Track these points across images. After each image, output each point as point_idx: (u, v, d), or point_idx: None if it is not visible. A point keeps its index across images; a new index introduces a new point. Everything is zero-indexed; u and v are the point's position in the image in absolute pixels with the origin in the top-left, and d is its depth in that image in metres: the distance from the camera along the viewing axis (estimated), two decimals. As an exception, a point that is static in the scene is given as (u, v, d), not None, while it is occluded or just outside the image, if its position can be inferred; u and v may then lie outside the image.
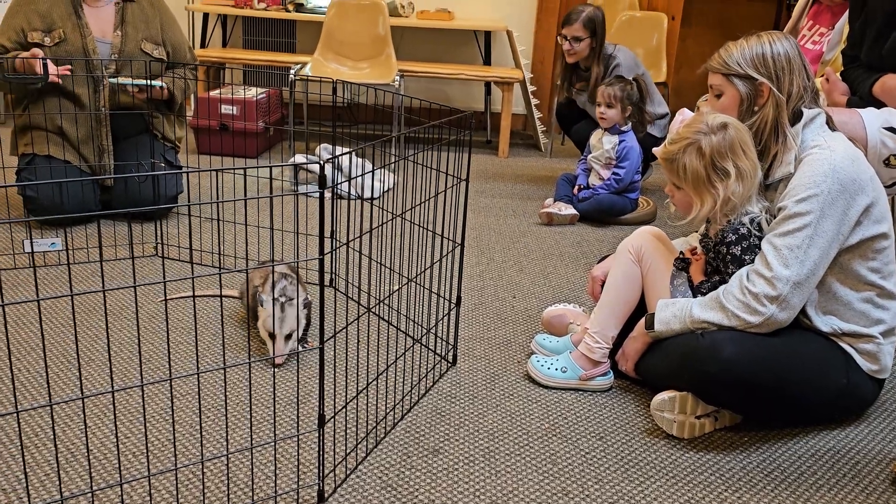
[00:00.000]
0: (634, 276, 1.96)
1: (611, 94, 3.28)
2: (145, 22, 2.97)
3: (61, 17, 2.84)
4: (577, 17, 3.53)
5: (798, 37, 2.93)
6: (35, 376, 1.89)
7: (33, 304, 2.25)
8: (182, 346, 2.08)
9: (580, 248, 3.04)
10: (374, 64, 4.38)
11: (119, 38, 2.90)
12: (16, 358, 1.96)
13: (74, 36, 2.83)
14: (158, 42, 2.99)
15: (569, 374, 1.97)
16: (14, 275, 2.47)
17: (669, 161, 1.81)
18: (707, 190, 1.76)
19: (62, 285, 2.41)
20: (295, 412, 1.80)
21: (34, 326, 2.14)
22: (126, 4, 2.95)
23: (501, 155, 4.50)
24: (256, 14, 4.66)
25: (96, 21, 2.91)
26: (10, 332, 2.10)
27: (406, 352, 2.04)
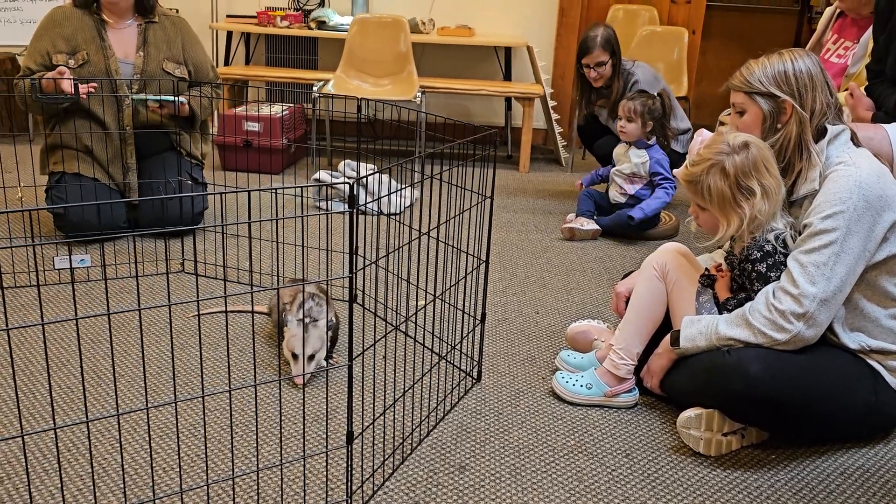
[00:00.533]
0: (659, 293, 1.96)
1: (631, 109, 3.29)
2: (167, 42, 3.02)
3: (85, 40, 2.91)
4: (594, 42, 3.52)
5: (822, 50, 2.92)
6: (66, 392, 1.92)
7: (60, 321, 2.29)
8: (209, 363, 2.10)
9: (603, 264, 3.05)
10: (396, 80, 4.42)
11: (141, 58, 2.97)
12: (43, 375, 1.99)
13: (98, 57, 2.90)
14: (180, 61, 3.04)
15: (594, 391, 1.98)
16: (43, 291, 2.51)
17: (693, 183, 1.81)
18: (733, 210, 1.76)
19: (91, 301, 2.44)
20: (321, 428, 1.82)
21: (63, 343, 2.17)
22: (148, 25, 3.01)
23: (522, 170, 4.51)
24: (279, 32, 4.72)
25: (119, 42, 2.97)
26: (36, 350, 2.14)
27: (432, 368, 2.05)
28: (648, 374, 1.96)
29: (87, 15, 2.94)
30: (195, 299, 1.26)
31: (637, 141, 3.34)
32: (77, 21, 2.92)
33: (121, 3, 2.92)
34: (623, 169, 3.39)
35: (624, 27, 4.94)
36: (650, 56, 4.40)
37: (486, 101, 5.13)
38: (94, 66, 2.89)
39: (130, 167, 3.01)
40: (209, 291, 2.56)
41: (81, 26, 2.92)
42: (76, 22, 2.92)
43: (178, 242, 2.97)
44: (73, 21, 2.92)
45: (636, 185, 3.37)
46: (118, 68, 2.93)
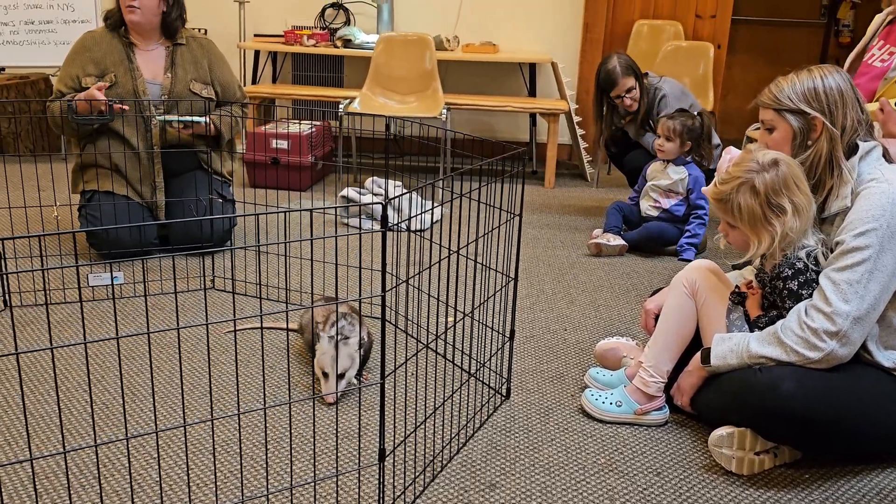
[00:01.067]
0: (689, 310, 1.96)
1: (670, 128, 3.29)
2: (194, 63, 3.07)
3: (114, 63, 2.97)
4: (615, 73, 3.52)
5: (867, 55, 2.90)
6: (101, 408, 1.95)
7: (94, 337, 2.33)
8: (242, 380, 2.12)
9: (630, 280, 3.04)
10: (421, 97, 4.46)
11: (169, 79, 3.02)
12: (82, 392, 2.03)
13: (126, 79, 2.96)
14: (207, 82, 3.09)
15: (624, 409, 1.97)
16: (77, 308, 2.55)
17: (722, 201, 1.81)
18: (764, 227, 1.76)
19: (124, 318, 2.48)
20: (353, 445, 1.83)
21: (97, 360, 2.21)
22: (176, 47, 3.06)
23: (548, 185, 4.52)
24: (306, 51, 4.78)
25: (147, 64, 3.03)
26: (74, 367, 2.18)
27: (462, 386, 2.06)
28: (679, 391, 1.95)
29: (116, 38, 3.01)
30: (231, 318, 1.28)
31: (675, 158, 3.33)
32: (106, 44, 3.00)
33: (143, 23, 2.97)
34: (660, 183, 3.38)
35: (648, 42, 4.95)
36: (676, 71, 4.40)
37: (510, 117, 5.15)
38: (122, 87, 2.95)
39: (158, 186, 3.05)
40: (239, 308, 2.59)
41: (110, 49, 2.99)
42: (105, 45, 2.99)
43: (207, 259, 3.01)
44: (102, 45, 2.99)
45: (671, 200, 3.36)
46: (146, 89, 2.98)
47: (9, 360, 2.13)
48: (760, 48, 6.40)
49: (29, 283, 2.73)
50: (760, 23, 6.34)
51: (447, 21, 5.05)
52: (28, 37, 4.58)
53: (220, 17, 5.15)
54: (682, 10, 5.04)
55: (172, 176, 3.12)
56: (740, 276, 2.05)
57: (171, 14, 3.02)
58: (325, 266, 2.97)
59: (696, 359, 1.88)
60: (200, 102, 3.04)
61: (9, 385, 2.04)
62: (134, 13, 2.94)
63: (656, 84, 3.62)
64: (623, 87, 3.55)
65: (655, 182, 3.40)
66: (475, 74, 5.06)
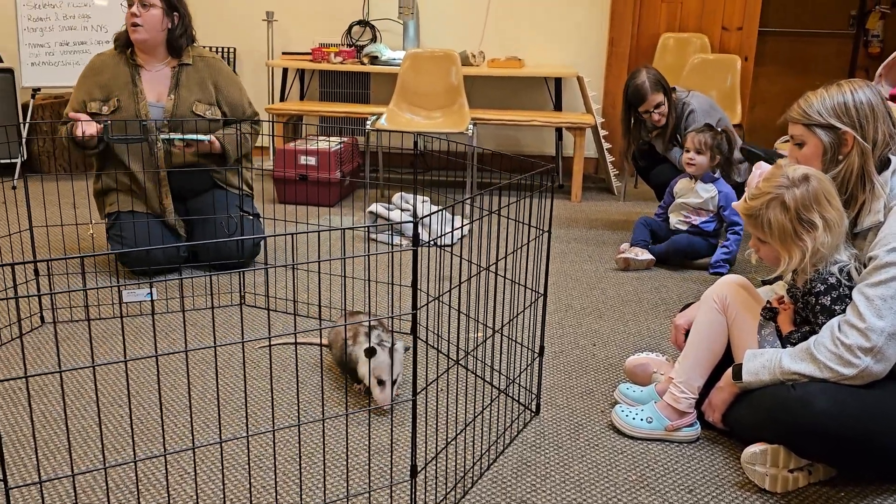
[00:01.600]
0: (720, 326, 1.95)
1: (701, 141, 3.28)
2: (199, 85, 3.06)
3: (119, 87, 2.99)
4: (644, 88, 3.51)
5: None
6: (136, 424, 1.98)
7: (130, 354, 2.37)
8: (274, 395, 2.15)
9: (659, 295, 3.03)
10: (448, 113, 4.49)
11: (172, 101, 3.01)
12: (117, 407, 2.07)
13: (129, 103, 2.97)
14: (212, 103, 3.07)
15: (654, 425, 1.96)
16: (113, 324, 2.60)
17: (753, 217, 1.81)
18: (795, 243, 1.75)
19: (160, 334, 2.52)
20: (384, 460, 1.84)
21: (131, 375, 2.25)
22: (182, 68, 3.06)
23: (574, 199, 4.52)
24: (333, 68, 4.84)
25: (152, 85, 3.04)
26: (109, 382, 2.21)
27: (492, 402, 2.07)
28: (710, 407, 1.94)
29: (123, 60, 3.03)
30: (267, 336, 1.30)
31: (703, 175, 3.32)
32: (113, 67, 3.02)
33: (148, 41, 2.98)
34: (690, 201, 3.36)
35: (675, 56, 4.95)
36: (703, 84, 4.39)
37: (536, 132, 5.16)
38: (125, 111, 2.97)
39: (167, 208, 3.04)
40: (269, 323, 2.62)
41: (117, 72, 3.01)
42: (112, 68, 3.02)
43: (235, 275, 3.05)
44: (109, 68, 3.02)
45: (701, 217, 3.35)
46: (148, 112, 2.98)
47: (48, 376, 2.17)
48: (788, 59, 6.35)
49: (64, 299, 2.78)
50: (787, 34, 6.30)
51: (472, 36, 5.08)
52: (62, 57, 4.68)
53: (248, 35, 5.24)
54: (708, 22, 5.03)
55: (190, 196, 3.13)
56: (771, 292, 2.04)
57: (175, 31, 3.02)
58: (355, 282, 3.00)
59: (727, 375, 1.87)
60: (205, 122, 3.02)
61: (46, 401, 2.08)
62: (138, 31, 2.95)
63: (684, 99, 3.61)
64: (652, 103, 3.53)
65: (685, 200, 3.38)
66: (501, 89, 5.08)
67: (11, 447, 1.85)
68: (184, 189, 3.10)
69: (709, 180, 3.32)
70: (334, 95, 5.22)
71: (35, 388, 2.15)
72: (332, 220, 3.95)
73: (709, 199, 3.31)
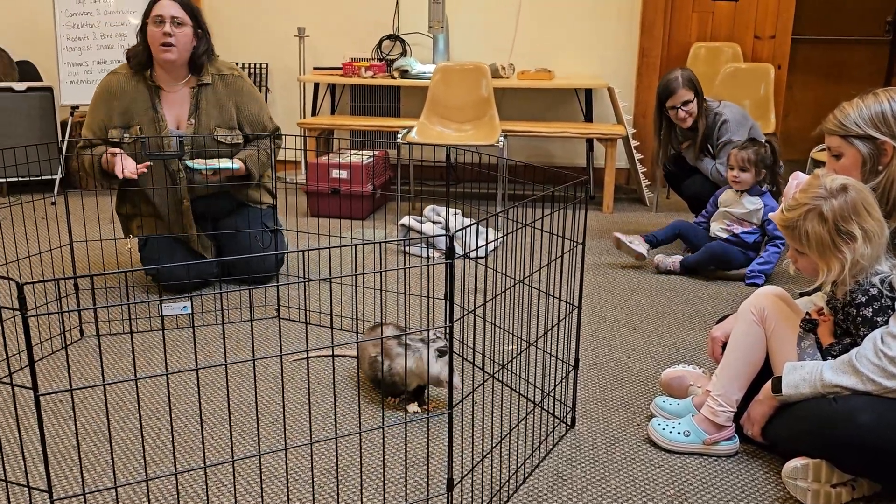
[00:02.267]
0: (758, 338, 1.92)
1: (745, 159, 3.25)
2: (219, 108, 2.98)
3: (139, 112, 2.91)
4: (676, 83, 3.52)
5: None
6: (179, 434, 2.00)
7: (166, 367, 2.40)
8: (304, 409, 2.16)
9: (693, 306, 3.00)
10: (478, 125, 4.50)
11: (192, 127, 2.94)
12: (155, 420, 2.09)
13: (150, 130, 2.89)
14: (233, 126, 3.00)
15: (692, 439, 1.94)
16: (148, 337, 2.64)
17: (790, 228, 1.79)
18: (833, 255, 1.72)
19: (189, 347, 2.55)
20: (419, 474, 1.84)
21: (163, 389, 2.27)
22: (201, 89, 2.97)
23: (606, 210, 4.50)
24: (364, 82, 4.88)
25: (172, 109, 2.96)
26: (147, 395, 2.24)
27: (527, 416, 2.06)
28: (749, 421, 1.91)
29: (141, 81, 2.94)
30: (304, 350, 1.31)
31: (750, 188, 3.30)
32: (132, 90, 2.93)
33: (177, 61, 2.90)
34: (734, 211, 3.33)
35: (706, 65, 4.91)
36: (735, 93, 4.35)
37: (566, 143, 5.16)
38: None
39: (192, 238, 3.02)
40: (301, 336, 2.64)
41: (136, 96, 2.92)
42: (131, 91, 2.93)
43: (264, 288, 3.08)
44: (128, 91, 2.92)
45: (744, 228, 3.31)
46: (170, 142, 2.91)
47: (86, 389, 2.20)
48: (822, 67, 6.28)
49: (101, 313, 2.83)
50: (821, 41, 6.23)
51: (502, 49, 5.10)
52: (100, 76, 4.75)
53: (280, 51, 5.31)
54: (740, 31, 5.00)
55: (219, 218, 3.12)
56: (810, 303, 2.01)
57: (199, 49, 2.94)
58: (387, 295, 3.01)
59: (766, 387, 1.84)
60: (227, 148, 2.97)
61: (87, 413, 2.11)
62: (170, 52, 2.85)
63: (716, 109, 3.58)
64: (679, 99, 3.53)
65: (730, 209, 3.35)
66: (531, 101, 5.09)
67: (52, 459, 1.88)
68: (209, 212, 3.09)
69: (756, 193, 3.30)
70: (365, 109, 5.26)
71: (75, 400, 2.18)
72: (365, 233, 3.98)
73: (753, 210, 3.28)
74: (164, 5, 2.87)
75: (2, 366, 2.38)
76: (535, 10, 5.04)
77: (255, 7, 5.33)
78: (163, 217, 3.02)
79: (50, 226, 3.97)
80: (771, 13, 4.93)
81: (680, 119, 3.58)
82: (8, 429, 2.02)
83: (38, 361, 2.43)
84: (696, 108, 3.55)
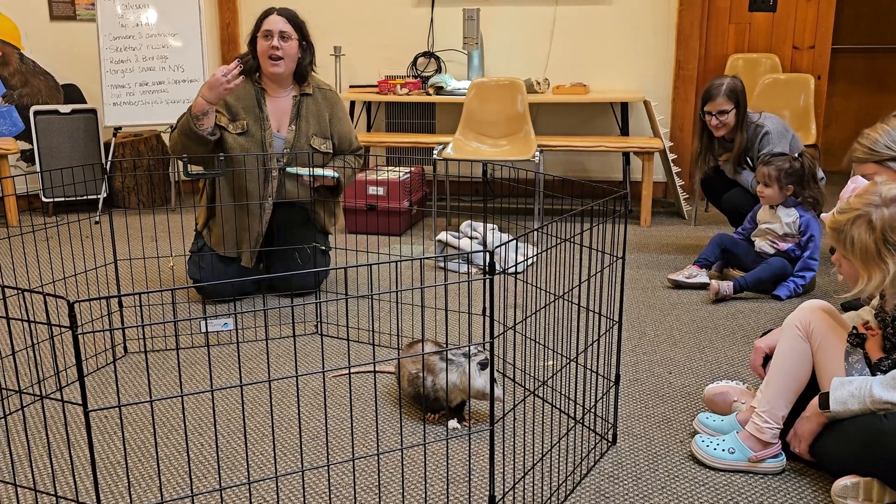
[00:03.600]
0: (804, 353, 1.89)
1: (765, 174, 3.22)
2: (317, 117, 3.14)
3: (245, 109, 3.06)
4: (718, 90, 3.48)
5: None
6: (221, 451, 2.03)
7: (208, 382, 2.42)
8: (345, 424, 2.17)
9: (736, 321, 2.95)
10: (514, 140, 4.50)
11: (293, 132, 3.09)
12: (198, 435, 2.12)
13: (256, 128, 3.04)
14: (327, 136, 3.16)
15: (737, 456, 1.91)
16: (190, 353, 2.67)
17: (837, 231, 1.75)
18: (876, 264, 1.69)
19: (234, 364, 2.58)
20: (460, 490, 1.84)
21: (207, 404, 2.30)
22: (303, 98, 3.13)
23: (644, 224, 4.47)
24: (399, 99, 4.92)
25: (275, 113, 3.10)
26: (188, 410, 2.27)
27: (568, 432, 2.04)
28: (796, 438, 1.87)
29: (249, 83, 3.08)
30: (346, 366, 1.32)
31: (784, 201, 3.26)
32: (240, 89, 3.02)
33: (284, 73, 3.05)
34: (775, 228, 3.28)
35: (744, 76, 4.82)
36: (774, 104, 4.30)
37: (602, 157, 5.13)
38: (251, 136, 3.03)
39: (261, 235, 3.11)
40: (342, 352, 2.65)
41: (243, 94, 3.06)
42: (239, 90, 3.02)
43: (306, 304, 3.10)
44: (236, 89, 2.98)
45: (788, 244, 3.25)
46: (272, 142, 3.06)
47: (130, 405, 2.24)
48: (863, 77, 6.17)
49: (144, 330, 2.88)
50: (861, 51, 6.13)
51: (537, 64, 5.10)
52: (142, 97, 4.88)
53: (317, 70, 5.37)
54: (778, 42, 4.94)
55: (279, 230, 3.18)
56: (857, 317, 1.97)
57: (304, 59, 3.10)
58: (425, 311, 3.01)
59: (814, 404, 1.80)
60: (320, 156, 3.11)
61: (131, 428, 2.15)
62: (278, 65, 3.00)
63: (757, 121, 3.53)
64: (717, 107, 3.49)
65: (770, 226, 3.31)
66: (567, 115, 5.08)
67: (99, 473, 1.91)
68: (281, 220, 3.15)
69: (790, 205, 3.24)
70: (400, 126, 5.29)
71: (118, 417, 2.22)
72: (402, 249, 3.99)
73: (790, 222, 3.23)
74: (273, 20, 3.03)
75: (50, 382, 2.43)
76: (569, 25, 5.04)
77: (292, 27, 5.41)
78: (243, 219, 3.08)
79: (95, 244, 4.05)
80: (810, 23, 4.87)
81: (713, 126, 3.55)
82: (54, 444, 2.06)
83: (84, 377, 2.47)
84: (734, 120, 3.50)
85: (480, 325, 2.80)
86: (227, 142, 3.02)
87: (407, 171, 4.50)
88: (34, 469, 1.93)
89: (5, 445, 2.04)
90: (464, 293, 3.25)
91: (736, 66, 4.92)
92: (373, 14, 5.29)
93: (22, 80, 5.02)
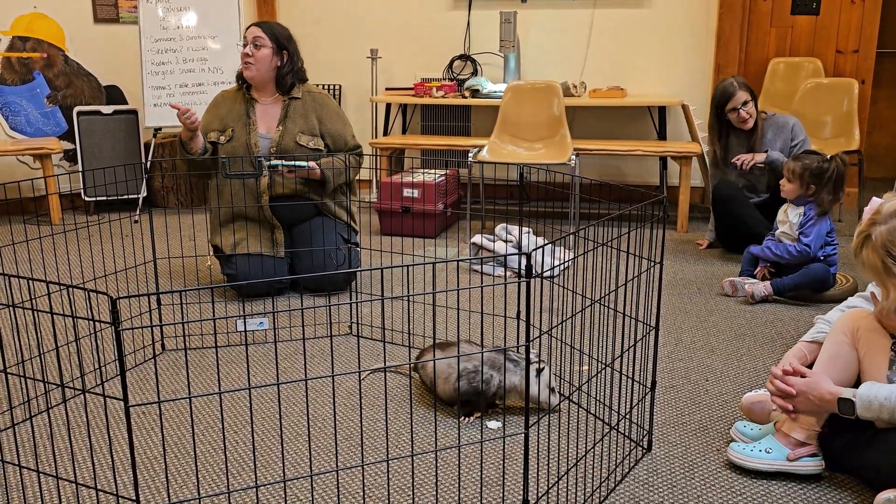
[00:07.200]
0: (850, 360, 1.85)
1: (790, 169, 3.23)
2: (304, 117, 3.27)
3: (234, 118, 3.27)
4: (733, 87, 3.70)
5: None
6: (257, 448, 2.04)
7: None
8: (378, 426, 2.17)
9: (774, 328, 2.91)
10: (549, 144, 4.49)
11: (279, 132, 3.24)
12: (231, 434, 2.14)
13: (241, 133, 3.24)
14: (315, 134, 3.27)
15: (774, 455, 1.88)
16: (224, 352, 2.70)
17: (855, 255, 1.77)
18: (889, 280, 1.68)
19: (270, 363, 2.61)
20: (494, 494, 1.83)
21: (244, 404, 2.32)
22: (291, 102, 3.29)
23: (680, 230, 4.41)
24: (435, 102, 4.93)
25: (263, 118, 3.28)
26: (224, 408, 2.30)
27: (603, 438, 2.03)
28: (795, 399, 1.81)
29: (241, 95, 3.31)
30: (382, 367, 1.32)
31: (796, 199, 3.23)
32: (231, 101, 3.31)
33: (257, 78, 3.23)
34: (787, 231, 3.26)
35: (785, 81, 4.80)
36: (816, 110, 4.23)
37: (639, 161, 5.09)
38: (237, 140, 3.23)
39: (278, 241, 3.26)
40: (372, 353, 2.66)
41: (234, 105, 3.30)
42: (230, 102, 3.31)
43: (340, 304, 3.12)
44: (228, 101, 3.31)
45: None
46: (257, 142, 3.23)
47: (167, 402, 2.27)
48: (907, 81, 6.04)
49: (180, 327, 2.91)
50: (907, 54, 6.00)
51: (573, 67, 5.08)
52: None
53: (353, 73, 5.41)
54: (820, 46, 4.86)
55: (294, 224, 3.31)
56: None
57: (283, 69, 3.25)
58: (458, 313, 3.01)
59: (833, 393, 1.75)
60: (307, 152, 3.23)
61: (168, 425, 2.18)
62: (249, 69, 3.22)
63: (775, 116, 3.78)
64: (739, 100, 3.69)
65: (783, 230, 3.30)
66: (603, 119, 5.05)
67: (138, 468, 1.94)
68: (287, 218, 3.29)
69: (801, 203, 3.22)
70: (436, 129, 5.31)
71: (156, 413, 2.25)
72: (437, 252, 4.00)
73: (797, 221, 3.22)
74: (250, 30, 3.27)
75: (91, 377, 2.47)
76: (606, 28, 5.01)
77: (330, 30, 5.46)
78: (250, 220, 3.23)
79: (135, 242, 4.12)
80: (854, 27, 4.78)
81: (742, 120, 3.71)
82: (94, 438, 2.09)
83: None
84: (755, 109, 3.70)
85: (513, 328, 2.79)
86: (219, 151, 3.25)
87: (442, 174, 4.51)
88: (75, 463, 1.97)
89: (47, 439, 2.08)
90: (498, 297, 3.25)
91: (777, 70, 4.85)
92: (409, 17, 5.32)
93: (66, 81, 5.12)
